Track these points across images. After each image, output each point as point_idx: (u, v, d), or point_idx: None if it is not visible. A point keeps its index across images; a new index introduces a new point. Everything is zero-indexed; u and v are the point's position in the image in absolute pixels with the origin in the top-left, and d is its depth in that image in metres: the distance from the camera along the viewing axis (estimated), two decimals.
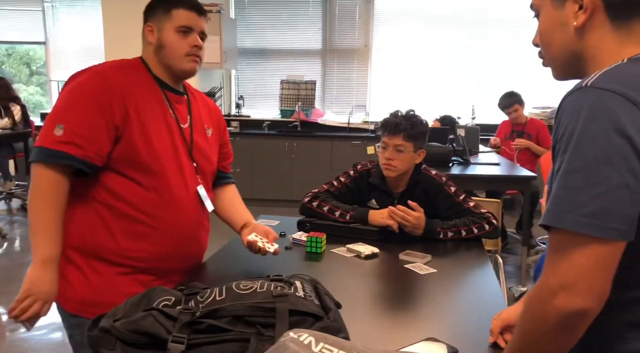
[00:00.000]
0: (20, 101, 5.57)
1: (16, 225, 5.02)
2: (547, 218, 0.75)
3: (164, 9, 1.41)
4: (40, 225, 1.31)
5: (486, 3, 5.78)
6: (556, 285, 0.73)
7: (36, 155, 1.29)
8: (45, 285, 1.31)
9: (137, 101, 1.37)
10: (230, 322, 0.97)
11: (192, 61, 1.43)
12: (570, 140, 0.73)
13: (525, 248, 3.70)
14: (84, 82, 1.33)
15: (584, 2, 0.80)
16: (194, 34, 1.42)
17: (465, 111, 5.42)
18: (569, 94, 0.77)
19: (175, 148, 1.44)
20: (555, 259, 0.74)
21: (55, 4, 6.39)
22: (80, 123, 1.29)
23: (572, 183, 0.72)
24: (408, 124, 1.95)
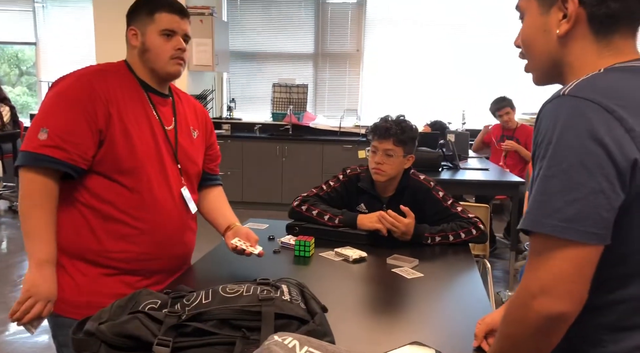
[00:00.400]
0: (10, 102, 5.52)
1: (3, 227, 4.97)
2: (525, 223, 0.77)
3: (146, 13, 1.41)
4: (33, 229, 1.31)
5: (477, 9, 5.84)
6: (536, 288, 0.74)
7: (21, 159, 1.30)
8: (45, 285, 1.31)
9: (119, 104, 1.37)
10: (216, 325, 0.97)
11: (177, 64, 1.44)
12: (548, 147, 0.75)
13: (514, 252, 3.73)
14: (67, 86, 1.34)
15: (568, 12, 0.81)
16: (177, 36, 1.43)
17: (455, 116, 5.47)
18: (547, 102, 0.79)
19: (159, 150, 1.44)
20: (534, 263, 0.76)
21: (46, 4, 6.35)
22: (64, 127, 1.30)
23: (550, 188, 0.74)
24: (398, 129, 1.96)
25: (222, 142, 5.67)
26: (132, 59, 1.46)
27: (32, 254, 1.30)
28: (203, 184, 1.68)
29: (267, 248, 1.81)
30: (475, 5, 5.84)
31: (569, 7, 0.81)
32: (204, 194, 1.69)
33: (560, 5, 0.82)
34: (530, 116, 5.76)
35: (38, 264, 1.30)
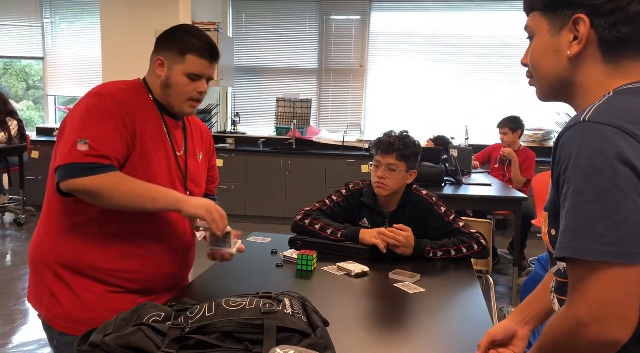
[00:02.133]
0: (17, 116, 5.58)
1: (8, 239, 4.99)
2: (566, 251, 0.76)
3: (179, 50, 1.40)
4: (150, 193, 1.32)
5: (480, 25, 5.90)
6: (587, 316, 0.74)
7: (66, 172, 1.27)
8: (200, 199, 1.38)
9: (141, 124, 1.38)
10: (219, 337, 0.98)
11: (192, 106, 1.45)
12: (575, 172, 0.75)
13: (516, 268, 3.72)
14: (95, 102, 1.34)
15: (579, 34, 0.83)
16: (202, 80, 1.43)
17: (458, 131, 5.49)
18: (566, 128, 0.80)
19: (170, 175, 1.45)
20: (580, 290, 0.75)
21: (54, 20, 6.46)
22: (102, 137, 1.29)
23: (587, 214, 0.73)
24: (401, 144, 1.98)
25: (226, 156, 5.71)
26: (153, 83, 1.46)
27: (169, 202, 1.33)
28: None
29: (270, 262, 1.82)
30: (478, 20, 5.90)
31: (580, 29, 0.83)
32: None
33: (571, 27, 0.84)
34: (532, 131, 5.78)
35: (182, 200, 1.34)
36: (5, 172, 5.54)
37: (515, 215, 3.69)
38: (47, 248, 1.41)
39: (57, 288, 1.39)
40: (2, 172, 5.52)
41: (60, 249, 1.38)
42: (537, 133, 5.77)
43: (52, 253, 1.39)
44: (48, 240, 1.41)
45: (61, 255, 1.38)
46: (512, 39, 5.65)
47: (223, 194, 5.66)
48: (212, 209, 1.35)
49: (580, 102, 0.87)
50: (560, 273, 0.89)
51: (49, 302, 1.38)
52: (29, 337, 2.97)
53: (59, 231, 1.39)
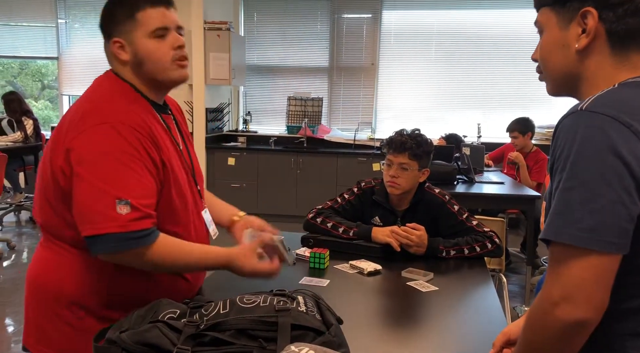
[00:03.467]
0: (33, 115, 5.67)
1: (24, 237, 5.07)
2: (546, 233, 0.79)
3: (125, 16, 1.17)
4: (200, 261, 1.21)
5: (493, 22, 5.85)
6: (557, 296, 0.77)
7: (112, 246, 1.08)
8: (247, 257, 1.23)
9: (160, 144, 1.18)
10: (234, 335, 0.99)
11: (180, 67, 1.21)
12: (567, 160, 0.77)
13: (530, 267, 3.69)
14: (116, 138, 1.11)
15: (587, 27, 0.84)
16: (171, 33, 1.20)
17: (471, 129, 5.46)
18: (564, 117, 0.81)
19: (188, 179, 1.28)
20: (555, 271, 0.78)
21: (68, 20, 6.53)
22: (139, 190, 1.10)
23: (570, 199, 0.76)
24: (414, 143, 1.98)
25: (238, 154, 5.73)
26: (127, 75, 1.22)
27: (217, 261, 1.22)
28: None
29: None
30: (490, 17, 5.85)
31: (588, 22, 0.83)
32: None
33: (579, 21, 0.85)
34: (545, 129, 5.72)
35: (230, 262, 1.21)
36: (21, 171, 5.62)
37: (527, 214, 3.66)
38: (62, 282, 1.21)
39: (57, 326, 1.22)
40: (19, 171, 5.60)
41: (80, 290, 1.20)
42: (550, 131, 5.71)
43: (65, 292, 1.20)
44: (66, 273, 1.21)
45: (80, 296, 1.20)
46: (524, 36, 5.59)
47: (235, 192, 5.69)
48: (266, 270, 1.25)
49: (587, 96, 0.87)
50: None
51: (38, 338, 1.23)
52: None
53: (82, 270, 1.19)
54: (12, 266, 4.22)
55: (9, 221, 5.58)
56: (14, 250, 4.58)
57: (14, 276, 3.99)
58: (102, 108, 1.15)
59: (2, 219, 5.44)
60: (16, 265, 4.28)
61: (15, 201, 5.61)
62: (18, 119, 5.50)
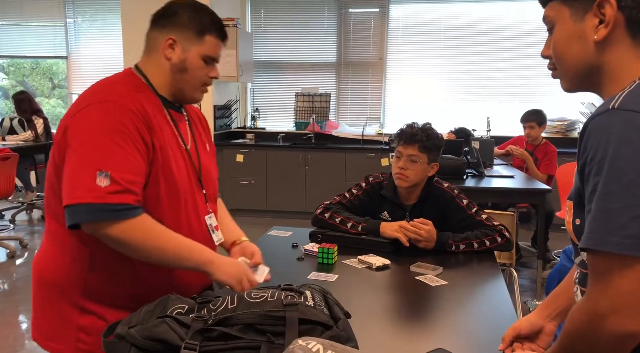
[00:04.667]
0: (43, 114, 5.72)
1: (36, 235, 5.13)
2: (588, 242, 0.75)
3: (196, 30, 1.25)
4: (179, 251, 1.19)
5: (502, 14, 5.79)
6: (606, 308, 0.73)
7: (86, 215, 1.09)
8: (233, 264, 1.25)
9: (156, 131, 1.21)
10: (242, 329, 0.99)
11: (203, 92, 1.33)
12: (602, 162, 0.73)
13: (541, 261, 3.66)
14: (106, 115, 1.14)
15: (606, 17, 0.80)
16: (215, 65, 1.32)
17: (480, 123, 5.42)
18: (594, 116, 0.77)
19: (188, 177, 1.29)
20: (601, 282, 0.74)
21: (77, 20, 6.58)
22: (124, 165, 1.12)
23: (611, 205, 0.72)
24: (424, 136, 1.96)
25: (246, 151, 5.74)
26: (155, 70, 1.27)
27: (202, 262, 1.20)
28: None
29: (291, 255, 1.83)
30: (500, 10, 5.80)
31: (606, 12, 0.80)
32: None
33: (595, 11, 0.81)
34: (556, 122, 5.67)
35: (212, 262, 1.21)
36: (33, 169, 5.68)
37: (537, 207, 3.62)
38: (69, 279, 1.22)
39: (87, 324, 1.22)
40: (30, 169, 5.66)
41: (88, 281, 1.21)
42: (561, 124, 5.65)
43: (76, 286, 1.22)
44: (69, 269, 1.22)
45: (90, 287, 1.21)
46: (533, 28, 5.53)
47: (244, 189, 5.71)
48: (243, 279, 1.23)
49: (609, 90, 0.84)
50: (584, 264, 0.87)
51: (77, 340, 1.22)
52: None
53: (83, 259, 1.21)
54: (24, 264, 4.28)
55: (22, 219, 5.65)
56: (27, 248, 4.64)
57: (27, 273, 4.04)
58: (102, 91, 1.21)
59: (15, 217, 5.51)
60: (29, 262, 4.33)
61: (27, 200, 5.68)
62: (29, 119, 5.55)
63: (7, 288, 3.74)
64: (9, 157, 4.48)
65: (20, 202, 5.74)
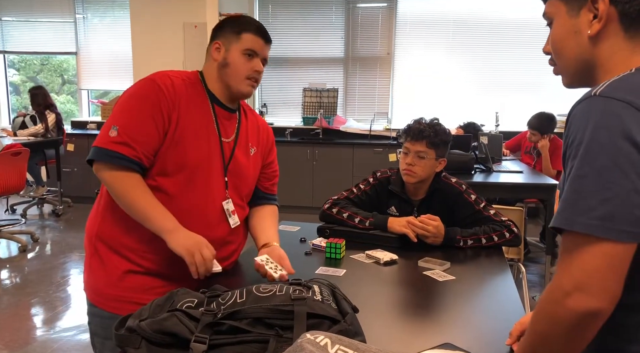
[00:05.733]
0: (56, 109, 5.77)
1: (47, 230, 5.19)
2: (558, 221, 0.77)
3: (234, 31, 1.47)
4: (145, 211, 1.36)
5: (511, 8, 5.75)
6: (569, 285, 0.75)
7: (93, 154, 1.38)
8: (192, 238, 1.36)
9: (181, 111, 1.42)
10: (250, 323, 1.00)
11: (250, 85, 1.49)
12: (579, 147, 0.75)
13: (549, 257, 3.65)
14: (138, 87, 1.41)
15: (599, 12, 0.82)
16: (257, 59, 1.48)
17: (489, 118, 5.39)
18: (578, 102, 0.79)
19: (210, 162, 1.47)
20: (566, 261, 0.76)
21: (86, 16, 6.61)
22: (133, 125, 1.37)
23: (582, 187, 0.74)
24: (432, 132, 1.96)
25: None
26: (209, 71, 1.51)
27: (162, 229, 1.35)
28: (257, 202, 1.68)
29: (299, 250, 1.84)
30: (508, 4, 5.75)
31: (599, 7, 0.81)
32: (254, 211, 1.67)
33: (590, 6, 0.83)
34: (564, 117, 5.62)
35: (171, 232, 1.35)
36: (43, 164, 5.74)
37: (546, 203, 3.61)
38: (92, 224, 1.50)
39: (94, 263, 1.48)
40: (40, 164, 5.72)
41: (101, 226, 1.47)
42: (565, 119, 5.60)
43: (95, 229, 1.48)
44: (95, 217, 1.50)
45: (102, 231, 1.46)
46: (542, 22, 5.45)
47: None
48: (195, 252, 1.33)
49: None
50: None
51: (87, 274, 1.50)
52: (70, 323, 3.09)
53: (103, 210, 1.47)
54: (36, 258, 4.33)
55: (33, 214, 5.71)
56: (38, 242, 4.69)
57: (38, 267, 4.09)
58: (154, 73, 1.46)
59: (26, 212, 5.57)
60: (40, 257, 4.39)
61: (37, 195, 5.74)
62: (41, 112, 5.60)
63: (19, 281, 3.79)
64: (20, 152, 4.53)
65: (32, 197, 5.81)
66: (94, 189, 5.79)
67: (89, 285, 1.50)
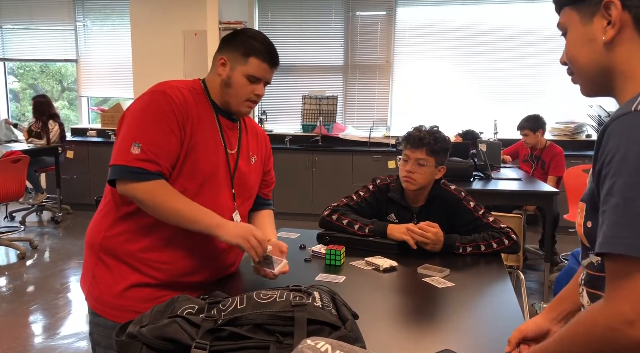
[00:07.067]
0: (59, 119, 5.71)
1: (46, 237, 5.18)
2: (610, 246, 0.73)
3: (242, 52, 1.44)
4: (191, 214, 1.36)
5: (509, 17, 5.79)
6: (632, 314, 0.71)
7: (118, 173, 1.35)
8: (240, 226, 1.40)
9: (194, 123, 1.42)
10: (251, 329, 1.01)
11: (248, 107, 1.49)
12: (623, 164, 0.72)
13: (548, 264, 3.65)
14: (151, 101, 1.39)
15: (612, 18, 0.81)
16: (260, 83, 1.48)
17: (487, 126, 5.41)
18: (614, 118, 0.77)
19: (217, 174, 1.47)
20: (626, 287, 0.72)
21: (86, 23, 6.64)
22: (155, 141, 1.35)
23: (635, 209, 0.71)
24: (431, 139, 1.97)
25: None
26: (213, 83, 1.49)
27: (210, 226, 1.36)
28: (256, 208, 1.71)
29: (298, 257, 1.84)
30: (506, 12, 5.79)
31: (612, 13, 0.81)
32: (252, 215, 1.71)
33: (603, 13, 0.82)
34: (564, 124, 5.65)
35: (220, 226, 1.37)
36: (44, 171, 5.74)
37: (544, 210, 3.62)
38: (96, 233, 1.48)
39: (98, 272, 1.46)
40: (40, 171, 5.72)
41: (106, 236, 1.45)
42: (568, 127, 5.63)
43: (99, 238, 1.46)
44: (98, 225, 1.48)
45: (107, 241, 1.45)
46: (542, 31, 5.51)
47: None
48: (249, 237, 1.37)
49: (624, 91, 0.83)
50: (592, 266, 0.87)
51: (90, 283, 1.47)
52: (69, 330, 3.08)
53: (108, 218, 1.46)
54: (35, 266, 4.32)
55: (32, 221, 5.71)
56: (37, 250, 4.69)
57: (37, 274, 4.08)
58: (160, 84, 1.44)
59: (25, 219, 5.57)
60: (39, 264, 4.38)
61: (36, 202, 5.73)
62: (44, 122, 5.57)
63: (18, 289, 3.78)
64: (20, 159, 4.53)
65: (31, 204, 5.80)
66: (94, 196, 5.78)
67: (93, 294, 1.47)
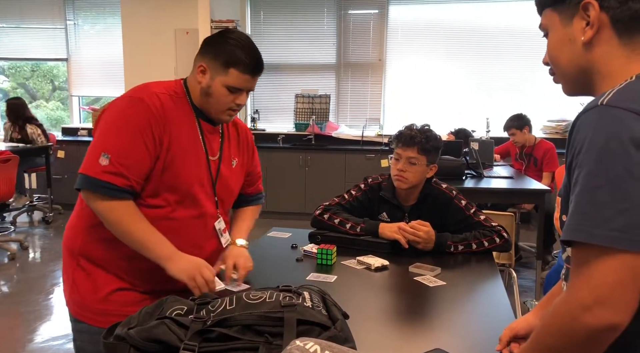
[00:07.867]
0: (37, 121, 5.52)
1: (37, 237, 5.13)
2: (574, 234, 0.75)
3: (223, 62, 1.38)
4: (142, 240, 1.33)
5: (501, 15, 5.80)
6: (589, 300, 0.73)
7: (84, 183, 1.31)
8: (191, 261, 1.35)
9: (172, 131, 1.37)
10: (240, 330, 1.00)
11: (229, 115, 1.46)
12: (588, 156, 0.74)
13: (540, 262, 3.67)
14: (126, 108, 1.34)
15: (590, 18, 0.82)
16: (242, 93, 1.43)
17: (479, 124, 5.42)
18: (584, 111, 0.79)
19: (200, 181, 1.44)
20: (584, 274, 0.74)
21: (77, 22, 6.59)
22: (125, 153, 1.30)
23: (598, 198, 0.73)
24: (423, 138, 1.97)
25: None
26: (193, 86, 1.44)
27: (159, 257, 1.33)
28: (241, 205, 1.70)
29: (290, 257, 1.84)
30: (498, 11, 5.81)
31: (591, 14, 0.82)
32: (235, 213, 1.69)
33: (582, 14, 0.83)
34: (555, 123, 5.67)
35: (170, 258, 1.34)
36: (34, 171, 5.67)
37: (538, 208, 3.63)
38: (74, 239, 1.45)
39: (78, 277, 1.43)
40: (30, 171, 5.64)
41: (85, 242, 1.42)
42: (560, 125, 5.66)
43: (78, 244, 1.43)
44: (76, 231, 1.45)
45: (86, 247, 1.42)
46: (533, 30, 5.50)
47: None
48: (196, 275, 1.33)
49: (602, 90, 0.84)
50: (569, 259, 0.87)
51: (70, 289, 1.44)
52: (58, 331, 3.06)
53: (86, 225, 1.42)
54: (25, 266, 4.28)
55: (22, 221, 5.66)
56: (27, 250, 4.64)
57: (27, 275, 4.05)
58: (140, 88, 1.39)
59: (16, 219, 5.51)
60: (29, 265, 4.34)
61: (19, 205, 5.61)
62: (21, 126, 5.44)
63: (8, 290, 3.74)
64: (10, 159, 4.49)
65: (14, 208, 5.68)
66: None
67: (74, 299, 1.43)
